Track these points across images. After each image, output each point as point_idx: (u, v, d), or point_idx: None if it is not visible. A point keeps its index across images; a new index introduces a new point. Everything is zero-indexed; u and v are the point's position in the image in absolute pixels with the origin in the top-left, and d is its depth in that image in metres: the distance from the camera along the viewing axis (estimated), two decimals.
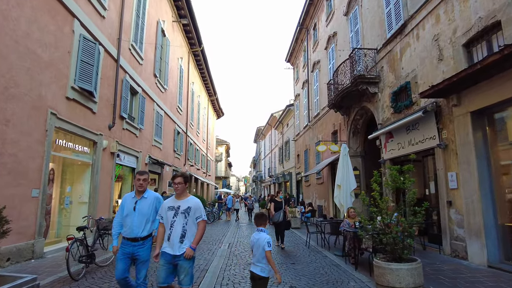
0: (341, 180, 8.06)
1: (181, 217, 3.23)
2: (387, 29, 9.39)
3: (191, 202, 3.33)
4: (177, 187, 3.30)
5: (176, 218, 3.26)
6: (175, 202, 3.34)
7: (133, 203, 3.54)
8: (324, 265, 6.30)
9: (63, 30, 7.24)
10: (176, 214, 3.26)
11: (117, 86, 10.06)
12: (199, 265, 6.38)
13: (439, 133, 7.01)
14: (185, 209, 3.26)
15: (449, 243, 6.61)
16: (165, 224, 3.32)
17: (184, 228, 3.23)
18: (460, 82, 5.75)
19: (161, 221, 3.38)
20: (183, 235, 3.22)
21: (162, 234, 3.34)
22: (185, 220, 3.24)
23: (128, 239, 3.47)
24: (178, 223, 3.23)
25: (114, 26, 10.01)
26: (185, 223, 3.24)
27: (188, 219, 3.25)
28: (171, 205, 3.33)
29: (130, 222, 3.49)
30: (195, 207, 3.30)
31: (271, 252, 3.33)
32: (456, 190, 6.45)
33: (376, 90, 10.10)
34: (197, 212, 3.30)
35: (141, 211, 3.51)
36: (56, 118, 6.98)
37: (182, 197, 3.35)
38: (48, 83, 6.72)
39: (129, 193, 3.68)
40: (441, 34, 6.95)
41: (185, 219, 3.24)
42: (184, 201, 3.33)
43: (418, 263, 4.33)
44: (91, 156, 8.88)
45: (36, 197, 6.36)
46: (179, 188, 3.30)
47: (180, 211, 3.26)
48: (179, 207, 3.28)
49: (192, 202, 3.33)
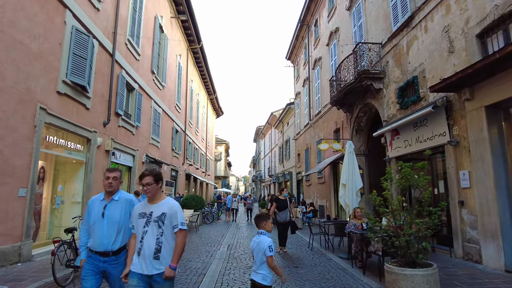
0: (346, 179, 7.69)
1: (154, 227, 2.54)
2: (393, 22, 9.04)
3: (166, 206, 2.61)
4: (147, 189, 2.59)
5: (148, 228, 2.55)
6: (147, 207, 2.63)
7: (101, 208, 2.84)
8: (330, 269, 5.94)
9: (54, 21, 6.87)
10: (148, 223, 2.56)
11: (113, 82, 9.69)
12: (197, 268, 6.02)
13: (450, 130, 6.65)
14: (158, 216, 2.56)
15: (461, 246, 6.25)
16: (136, 235, 2.64)
17: (158, 241, 2.53)
18: (474, 74, 5.40)
19: (133, 231, 2.69)
20: (158, 249, 2.52)
21: (133, 248, 2.65)
22: (160, 230, 2.54)
23: (97, 253, 2.78)
24: (150, 234, 2.53)
25: (110, 19, 9.64)
26: (160, 234, 2.54)
27: (164, 229, 2.55)
28: (142, 211, 2.63)
29: (99, 231, 2.79)
30: (171, 213, 2.58)
31: (273, 257, 2.97)
32: (469, 190, 6.10)
33: (381, 86, 9.75)
34: (173, 220, 2.57)
35: (111, 218, 2.82)
36: (46, 113, 6.61)
37: (155, 201, 2.65)
38: (37, 76, 6.35)
39: (97, 195, 2.98)
40: (452, 25, 6.60)
41: (160, 229, 2.54)
42: (157, 205, 2.62)
43: (434, 268, 3.97)
44: (84, 154, 8.51)
45: (24, 197, 5.99)
46: (150, 190, 2.59)
47: (153, 218, 2.56)
48: (151, 213, 2.58)
49: (167, 206, 2.61)
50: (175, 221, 2.57)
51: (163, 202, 2.67)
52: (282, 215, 7.84)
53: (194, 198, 14.95)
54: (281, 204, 7.98)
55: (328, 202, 14.97)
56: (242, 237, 10.82)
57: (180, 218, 2.60)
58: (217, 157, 43.50)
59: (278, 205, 7.98)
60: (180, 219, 2.60)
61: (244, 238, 10.52)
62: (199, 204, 14.67)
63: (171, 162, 17.10)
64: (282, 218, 7.83)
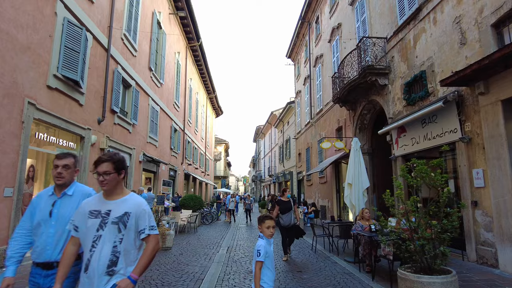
0: (352, 178, 7.32)
1: (112, 230, 1.90)
2: (399, 16, 8.69)
3: (130, 204, 1.99)
4: (104, 179, 1.93)
5: (103, 232, 1.90)
6: (102, 204, 1.98)
7: (49, 205, 2.20)
8: (336, 274, 5.58)
9: (44, 12, 6.51)
10: (103, 225, 1.91)
11: (108, 78, 9.32)
12: (194, 273, 5.66)
13: (462, 126, 6.31)
14: (119, 217, 1.93)
15: (475, 249, 5.90)
16: (82, 240, 1.95)
17: (116, 250, 1.89)
18: (491, 66, 5.05)
19: (75, 233, 2.00)
20: (114, 261, 1.88)
21: (71, 257, 1.98)
22: (119, 235, 1.91)
23: (38, 265, 2.12)
24: (105, 240, 1.88)
25: (105, 13, 9.27)
26: (119, 240, 1.90)
27: (125, 233, 1.92)
28: (95, 208, 1.96)
29: (43, 235, 2.13)
30: (138, 213, 1.97)
31: (261, 263, 2.63)
32: (483, 189, 5.75)
33: (386, 82, 9.40)
34: (140, 222, 1.97)
35: (61, 218, 2.17)
36: (35, 109, 6.25)
37: (115, 196, 2.01)
38: (25, 69, 5.98)
39: (45, 189, 2.37)
40: (464, 16, 6.25)
41: (119, 234, 1.91)
42: (118, 202, 1.99)
43: (453, 275, 3.63)
44: (78, 152, 8.14)
45: (10, 197, 5.63)
46: (107, 181, 1.94)
47: (111, 219, 1.92)
48: (109, 212, 1.94)
49: (132, 204, 1.99)
50: (143, 223, 1.97)
51: (126, 199, 2.01)
52: (285, 218, 7.05)
53: (192, 198, 14.58)
54: (284, 206, 7.15)
55: (330, 203, 14.63)
56: (242, 238, 10.47)
57: (148, 219, 2.00)
58: (216, 157, 43.12)
59: (281, 208, 7.16)
60: (150, 222, 2.00)
61: (244, 239, 10.16)
62: (198, 204, 14.31)
63: (170, 161, 16.74)
64: (286, 221, 7.03)
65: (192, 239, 10.02)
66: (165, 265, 6.26)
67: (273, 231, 2.85)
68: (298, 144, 22.43)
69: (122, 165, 2.04)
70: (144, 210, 2.00)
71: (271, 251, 2.79)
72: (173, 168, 17.48)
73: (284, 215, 7.05)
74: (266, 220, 2.86)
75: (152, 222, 2.02)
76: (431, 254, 3.70)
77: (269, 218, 2.89)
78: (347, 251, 7.54)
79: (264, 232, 2.83)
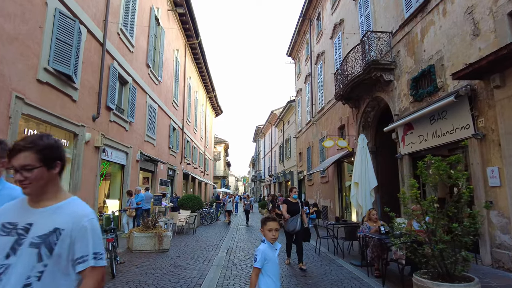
0: (359, 177, 6.96)
1: (28, 258, 1.20)
2: (405, 8, 8.36)
3: (66, 215, 1.28)
4: (23, 178, 1.24)
5: (14, 259, 1.20)
6: (23, 213, 1.29)
7: None
8: (343, 279, 5.24)
9: (33, 1, 6.16)
10: (15, 245, 1.22)
11: (103, 73, 8.98)
12: (192, 277, 5.32)
13: (474, 122, 5.98)
14: (43, 236, 1.23)
15: (490, 252, 5.57)
16: None
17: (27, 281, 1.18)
18: (509, 56, 4.72)
19: None
20: None
21: None
22: (40, 265, 1.21)
23: None
24: (17, 271, 1.18)
25: (100, 6, 8.93)
26: (36, 275, 1.20)
27: (49, 264, 1.22)
28: (12, 219, 1.27)
29: None
30: (75, 230, 1.26)
31: (258, 270, 2.35)
32: (499, 188, 5.41)
33: (392, 78, 9.07)
34: (79, 246, 1.26)
35: None
36: (23, 104, 5.90)
37: (45, 201, 1.31)
38: (12, 61, 5.64)
39: None
40: (477, 5, 5.92)
41: (38, 264, 1.21)
42: (48, 211, 1.29)
43: (476, 283, 3.29)
44: (71, 150, 7.79)
45: None
46: (30, 179, 1.24)
47: (29, 239, 1.23)
48: (29, 226, 1.25)
49: (69, 215, 1.29)
50: (83, 248, 1.26)
51: (60, 206, 1.30)
52: (291, 222, 6.12)
53: (191, 198, 14.23)
54: (291, 208, 6.24)
55: (332, 203, 14.29)
56: (242, 240, 10.12)
57: (94, 243, 1.28)
58: (216, 157, 42.77)
59: (288, 209, 6.26)
60: (95, 246, 1.28)
61: (244, 241, 9.81)
62: (196, 205, 13.97)
63: (168, 160, 16.39)
64: (291, 226, 6.11)
65: (190, 240, 9.68)
66: (161, 268, 5.92)
67: (276, 235, 2.51)
68: (298, 143, 22.09)
69: (53, 153, 1.30)
70: (85, 228, 1.27)
71: (273, 258, 2.44)
72: (172, 168, 17.14)
73: (290, 219, 6.16)
74: (267, 222, 2.55)
75: (98, 247, 1.29)
76: (451, 259, 3.36)
77: (271, 220, 2.56)
78: (353, 254, 7.20)
79: (266, 236, 2.50)
